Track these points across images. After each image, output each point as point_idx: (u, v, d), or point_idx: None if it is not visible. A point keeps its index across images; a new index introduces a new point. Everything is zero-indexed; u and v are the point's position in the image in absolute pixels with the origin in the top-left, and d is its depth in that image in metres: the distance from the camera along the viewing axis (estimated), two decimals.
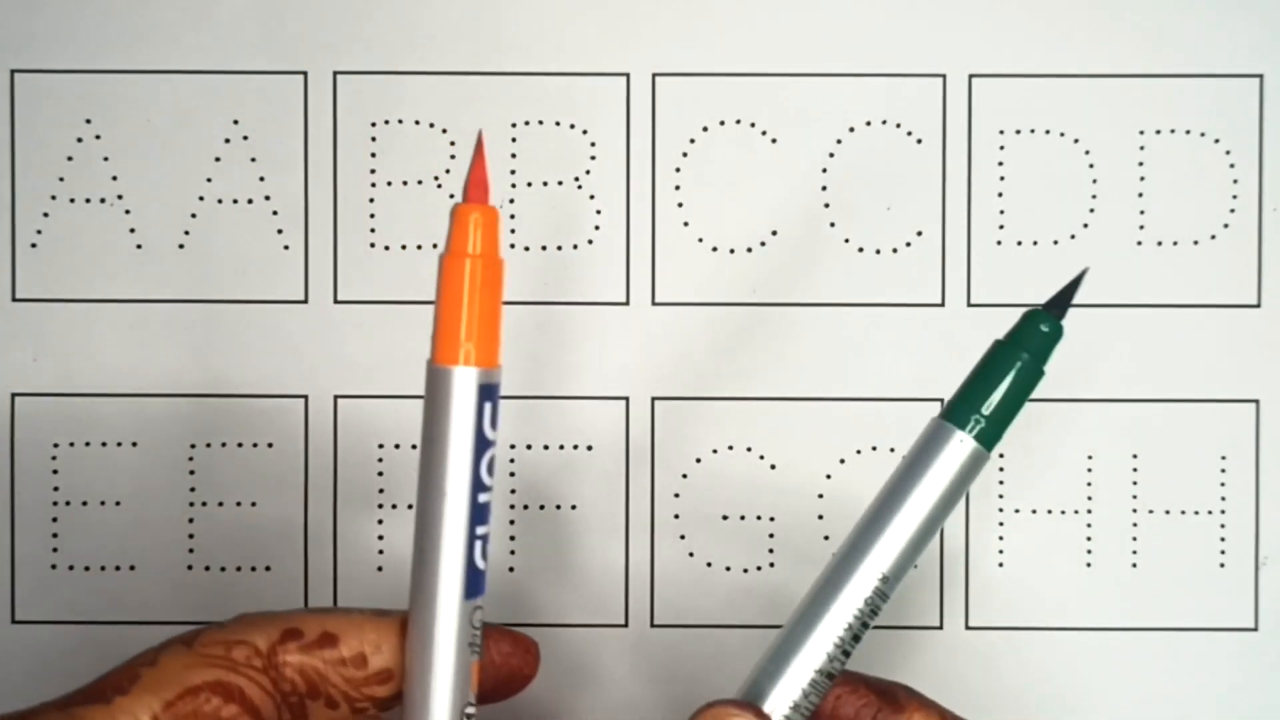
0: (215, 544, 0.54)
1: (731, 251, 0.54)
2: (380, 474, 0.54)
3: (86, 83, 0.54)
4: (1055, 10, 0.54)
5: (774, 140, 0.54)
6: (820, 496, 0.54)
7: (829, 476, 0.54)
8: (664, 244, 0.54)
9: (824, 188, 0.54)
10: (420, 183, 0.54)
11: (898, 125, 0.54)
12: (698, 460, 0.54)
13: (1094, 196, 0.54)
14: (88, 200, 0.54)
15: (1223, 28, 0.54)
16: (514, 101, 0.53)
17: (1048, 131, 0.54)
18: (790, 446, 0.54)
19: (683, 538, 0.54)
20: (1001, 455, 0.54)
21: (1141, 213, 0.54)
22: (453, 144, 0.54)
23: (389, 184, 0.54)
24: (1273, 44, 0.54)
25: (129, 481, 0.54)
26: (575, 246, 0.54)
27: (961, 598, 0.54)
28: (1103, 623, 0.54)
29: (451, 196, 0.54)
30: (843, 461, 0.54)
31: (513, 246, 0.54)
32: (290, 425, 0.54)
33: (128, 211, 0.53)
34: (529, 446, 0.54)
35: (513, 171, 0.54)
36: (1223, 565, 0.54)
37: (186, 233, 0.54)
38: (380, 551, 0.54)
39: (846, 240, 0.54)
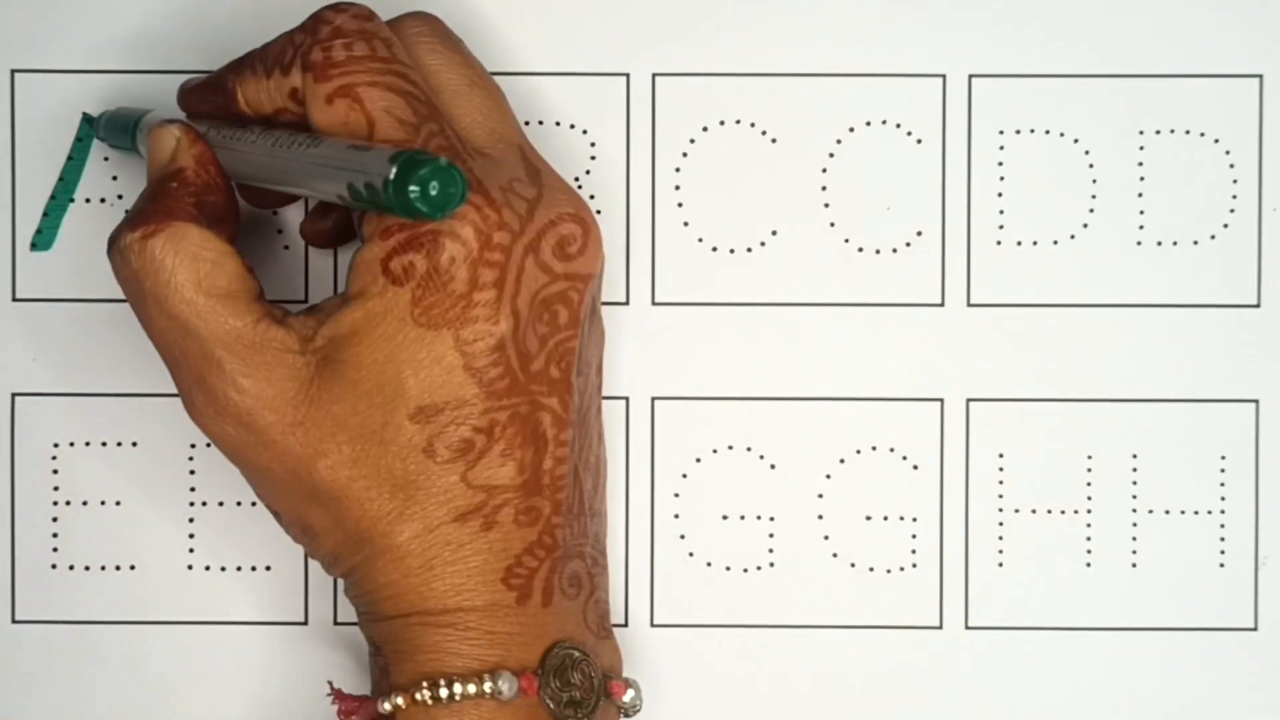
0: (215, 544, 0.54)
1: (731, 251, 0.54)
2: None
3: (86, 83, 0.54)
4: (1055, 10, 0.54)
5: (774, 140, 0.54)
6: (820, 496, 0.54)
7: (829, 476, 0.54)
8: (664, 244, 0.54)
9: (824, 188, 0.54)
10: None
11: (898, 125, 0.54)
12: (698, 460, 0.54)
13: (1094, 196, 0.54)
14: (88, 200, 0.54)
15: (1223, 28, 0.54)
16: (514, 101, 0.53)
17: (1048, 131, 0.54)
18: (790, 446, 0.54)
19: (683, 538, 0.54)
20: (1001, 455, 0.54)
21: (1141, 213, 0.54)
22: None
23: None
24: (1273, 44, 0.54)
25: (129, 481, 0.54)
26: None
27: (961, 598, 0.54)
28: (1103, 623, 0.54)
29: None
30: (843, 461, 0.54)
31: None
32: None
33: (128, 211, 0.53)
34: None
35: None
36: (1222, 565, 0.54)
37: None
38: None
39: (846, 240, 0.54)
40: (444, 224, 0.44)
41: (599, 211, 0.54)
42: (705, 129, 0.54)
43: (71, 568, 0.54)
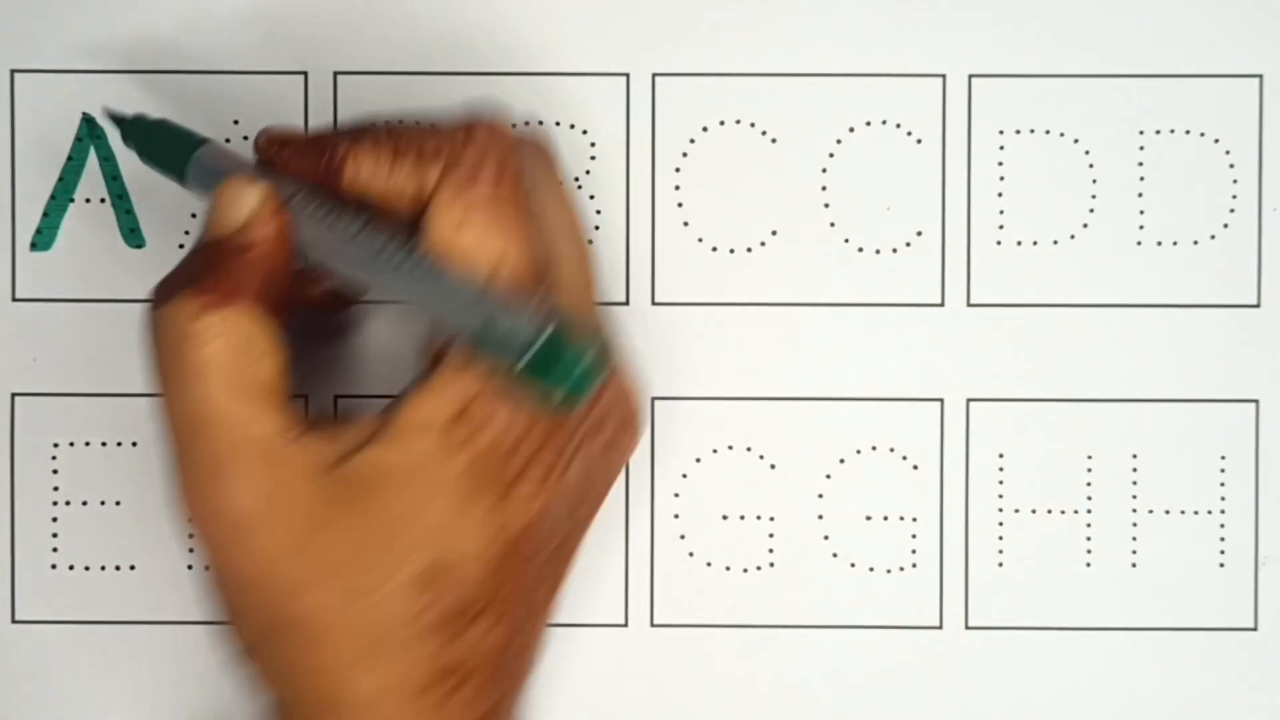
0: None
1: (731, 251, 0.54)
2: None
3: (86, 83, 0.54)
4: (1055, 10, 0.54)
5: (774, 140, 0.54)
6: (820, 496, 0.54)
7: (829, 476, 0.54)
8: (664, 244, 0.54)
9: (824, 188, 0.54)
10: None
11: (898, 125, 0.54)
12: (698, 460, 0.54)
13: (1094, 196, 0.54)
14: (88, 200, 0.54)
15: (1223, 28, 0.54)
16: (514, 101, 0.53)
17: (1048, 131, 0.54)
18: (790, 446, 0.54)
19: (683, 538, 0.54)
20: (1001, 455, 0.54)
21: (1141, 213, 0.54)
22: None
23: None
24: (1273, 44, 0.54)
25: (129, 481, 0.54)
26: None
27: (961, 598, 0.54)
28: (1103, 623, 0.54)
29: None
30: (843, 461, 0.54)
31: None
32: None
33: (128, 211, 0.53)
34: None
35: None
36: (1223, 565, 0.54)
37: (187, 233, 0.54)
38: None
39: (846, 240, 0.54)
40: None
41: (598, 211, 0.54)
42: (705, 129, 0.54)
43: (71, 568, 0.54)
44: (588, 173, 0.54)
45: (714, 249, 0.54)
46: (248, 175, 0.44)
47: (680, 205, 0.54)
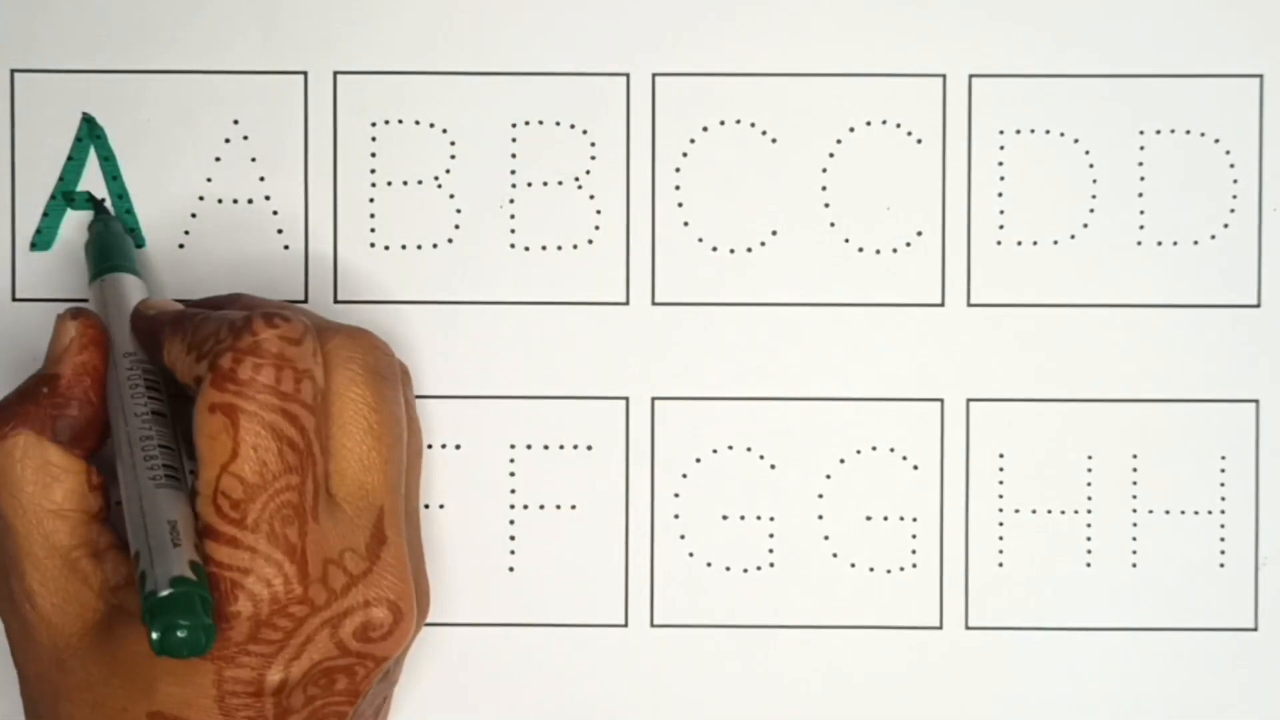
0: None
1: (731, 251, 0.54)
2: None
3: (86, 83, 0.54)
4: (1055, 10, 0.54)
5: (774, 140, 0.54)
6: (820, 496, 0.54)
7: (829, 476, 0.54)
8: (664, 244, 0.54)
9: (824, 188, 0.54)
10: (420, 183, 0.54)
11: (898, 125, 0.54)
12: (698, 460, 0.54)
13: (1094, 196, 0.54)
14: (88, 200, 0.54)
15: (1223, 28, 0.54)
16: (514, 101, 0.53)
17: (1048, 131, 0.54)
18: (790, 446, 0.54)
19: (683, 538, 0.54)
20: (1001, 455, 0.54)
21: (1141, 213, 0.54)
22: (453, 144, 0.54)
23: (389, 184, 0.54)
24: (1273, 44, 0.54)
25: None
26: (575, 246, 0.54)
27: (961, 598, 0.54)
28: (1103, 623, 0.54)
29: (452, 196, 0.54)
30: (843, 461, 0.54)
31: (513, 246, 0.54)
32: None
33: (128, 211, 0.53)
34: (529, 446, 0.54)
35: (513, 171, 0.54)
36: (1223, 565, 0.54)
37: (186, 233, 0.54)
38: None
39: (846, 240, 0.54)
40: (249, 580, 0.44)
41: (598, 211, 0.54)
42: (705, 129, 0.54)
43: None
44: (588, 173, 0.54)
45: (714, 249, 0.54)
46: (72, 312, 0.48)
47: (680, 205, 0.54)
